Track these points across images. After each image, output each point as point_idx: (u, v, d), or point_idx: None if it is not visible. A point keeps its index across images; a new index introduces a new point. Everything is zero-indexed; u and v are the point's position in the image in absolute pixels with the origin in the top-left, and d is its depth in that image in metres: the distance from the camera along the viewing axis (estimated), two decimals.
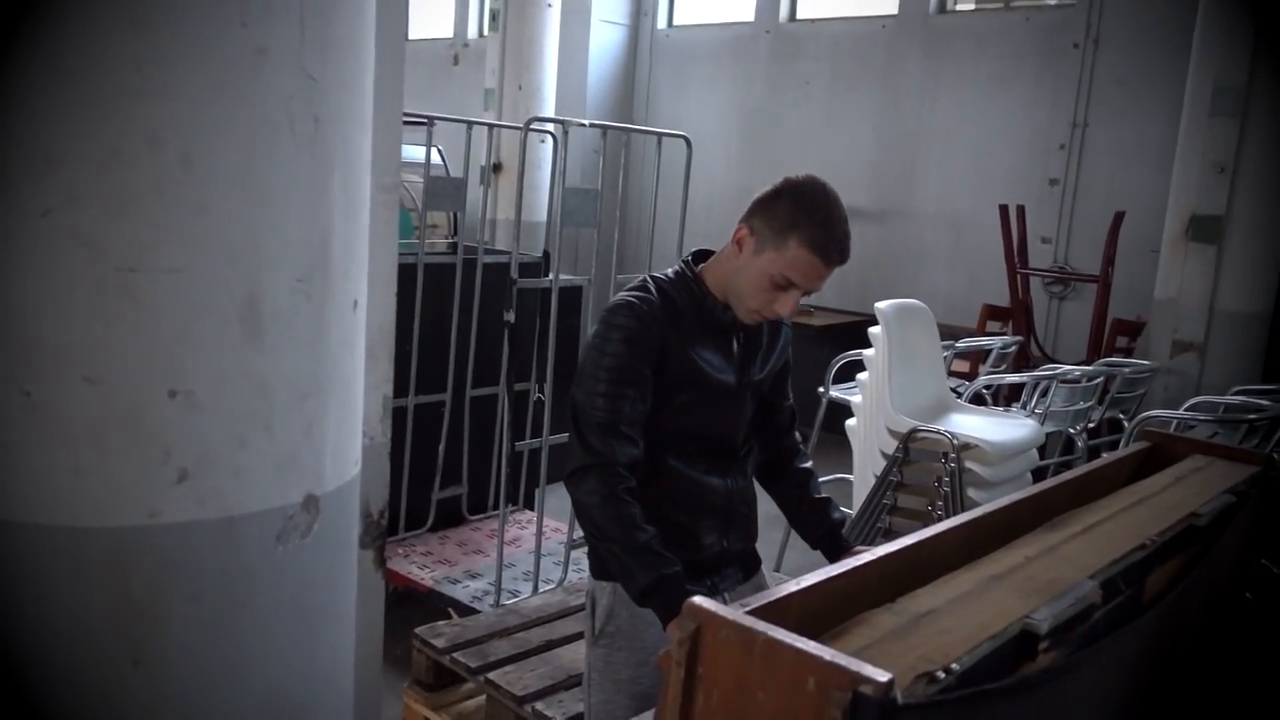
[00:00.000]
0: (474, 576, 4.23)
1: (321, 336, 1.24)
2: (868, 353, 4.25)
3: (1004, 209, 6.34)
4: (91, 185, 1.08)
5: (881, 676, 1.06)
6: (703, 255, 2.19)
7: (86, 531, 1.14)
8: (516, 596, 3.94)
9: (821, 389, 4.70)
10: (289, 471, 1.23)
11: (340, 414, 1.31)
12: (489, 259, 4.45)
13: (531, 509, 4.78)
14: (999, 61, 7.45)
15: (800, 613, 1.30)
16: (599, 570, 2.19)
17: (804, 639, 1.17)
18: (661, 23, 9.66)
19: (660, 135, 4.08)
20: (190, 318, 1.14)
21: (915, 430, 3.96)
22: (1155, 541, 1.74)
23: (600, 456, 2.01)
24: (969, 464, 3.86)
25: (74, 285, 1.10)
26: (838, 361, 4.61)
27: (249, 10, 1.11)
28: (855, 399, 4.31)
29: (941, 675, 1.19)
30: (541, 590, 3.99)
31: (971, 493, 3.87)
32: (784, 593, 1.33)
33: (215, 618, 1.20)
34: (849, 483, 4.47)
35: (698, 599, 1.27)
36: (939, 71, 7.76)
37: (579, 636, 3.48)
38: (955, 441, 3.84)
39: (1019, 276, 6.30)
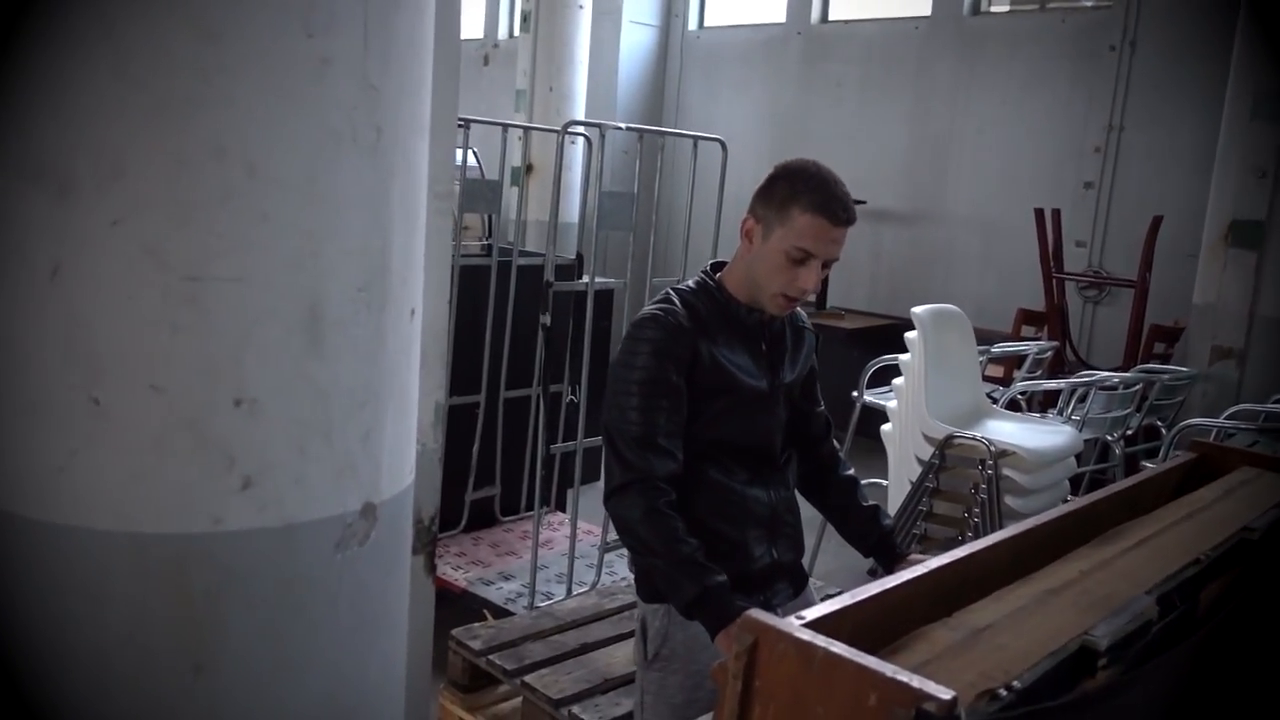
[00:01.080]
0: (507, 578, 4.24)
1: (380, 345, 1.25)
2: (903, 358, 4.22)
3: (1039, 212, 6.28)
4: (158, 194, 1.09)
5: (945, 694, 1.05)
6: (720, 266, 2.20)
7: (149, 538, 1.15)
8: (550, 599, 3.95)
9: (855, 393, 4.67)
10: (347, 479, 1.24)
11: (397, 422, 1.31)
12: (523, 261, 4.46)
13: (564, 511, 4.79)
14: (1033, 63, 7.39)
15: (855, 626, 1.29)
16: (649, 594, 2.18)
17: (864, 654, 1.16)
18: (692, 24, 9.64)
19: (696, 139, 4.07)
20: (253, 326, 1.14)
21: (951, 436, 3.94)
22: (1209, 556, 1.72)
23: (638, 472, 2.00)
24: (1006, 471, 3.83)
25: (140, 293, 1.11)
26: (872, 366, 4.59)
27: (314, 20, 1.12)
28: (890, 404, 4.28)
29: (1003, 693, 1.17)
30: (575, 593, 4.00)
31: (1009, 500, 3.84)
32: (839, 605, 1.32)
33: (273, 625, 1.21)
34: (883, 488, 4.44)
35: (754, 611, 1.26)
36: (972, 73, 7.71)
37: (614, 640, 3.48)
38: (992, 448, 3.82)
39: (1054, 281, 6.25)
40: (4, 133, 1.09)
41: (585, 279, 4.10)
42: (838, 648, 1.15)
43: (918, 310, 4.14)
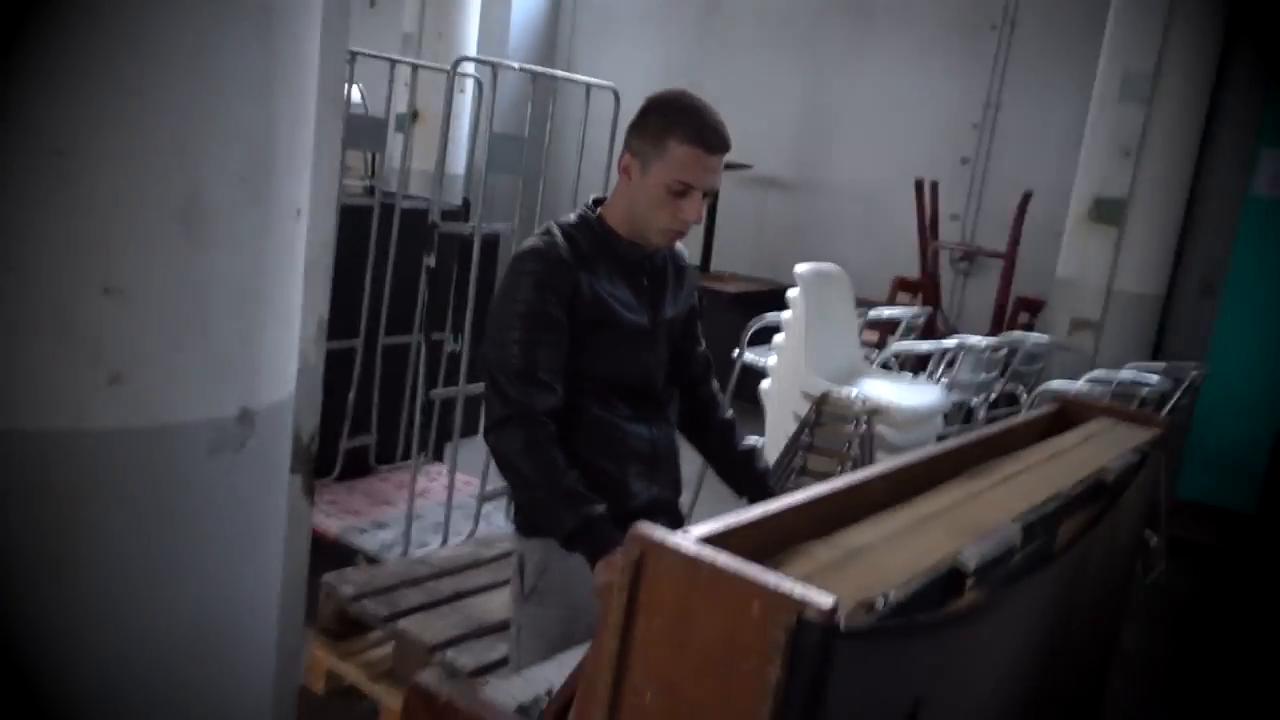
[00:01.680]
0: (381, 527, 4.16)
1: (263, 241, 1.19)
2: (784, 315, 4.30)
3: (919, 183, 6.47)
4: (21, 56, 1.00)
5: (825, 602, 1.08)
6: (602, 201, 2.19)
7: (7, 434, 1.08)
8: (425, 548, 3.90)
9: (735, 352, 4.74)
10: (223, 381, 1.18)
11: (277, 326, 1.25)
12: (407, 204, 4.35)
13: (442, 461, 4.72)
14: (920, 38, 7.57)
15: (740, 544, 1.31)
16: (528, 528, 2.17)
17: (748, 564, 1.18)
18: None
19: (589, 85, 4.03)
20: (126, 208, 1.07)
21: (828, 393, 4.02)
22: (1068, 493, 1.81)
23: (519, 405, 1.99)
24: (879, 427, 3.94)
25: (2, 164, 1.02)
26: (753, 324, 4.66)
27: None
28: (770, 361, 4.36)
29: (879, 605, 1.21)
30: (451, 542, 3.95)
31: (880, 456, 3.96)
32: (725, 525, 1.33)
33: (141, 530, 1.15)
34: (759, 447, 4.52)
35: (642, 524, 1.27)
36: (863, 44, 7.85)
37: (491, 587, 3.46)
38: (866, 404, 3.92)
39: (930, 251, 6.46)
40: None
41: (472, 223, 4.03)
42: (723, 559, 1.16)
43: (800, 268, 4.21)
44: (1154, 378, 4.27)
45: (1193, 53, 5.46)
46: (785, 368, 4.21)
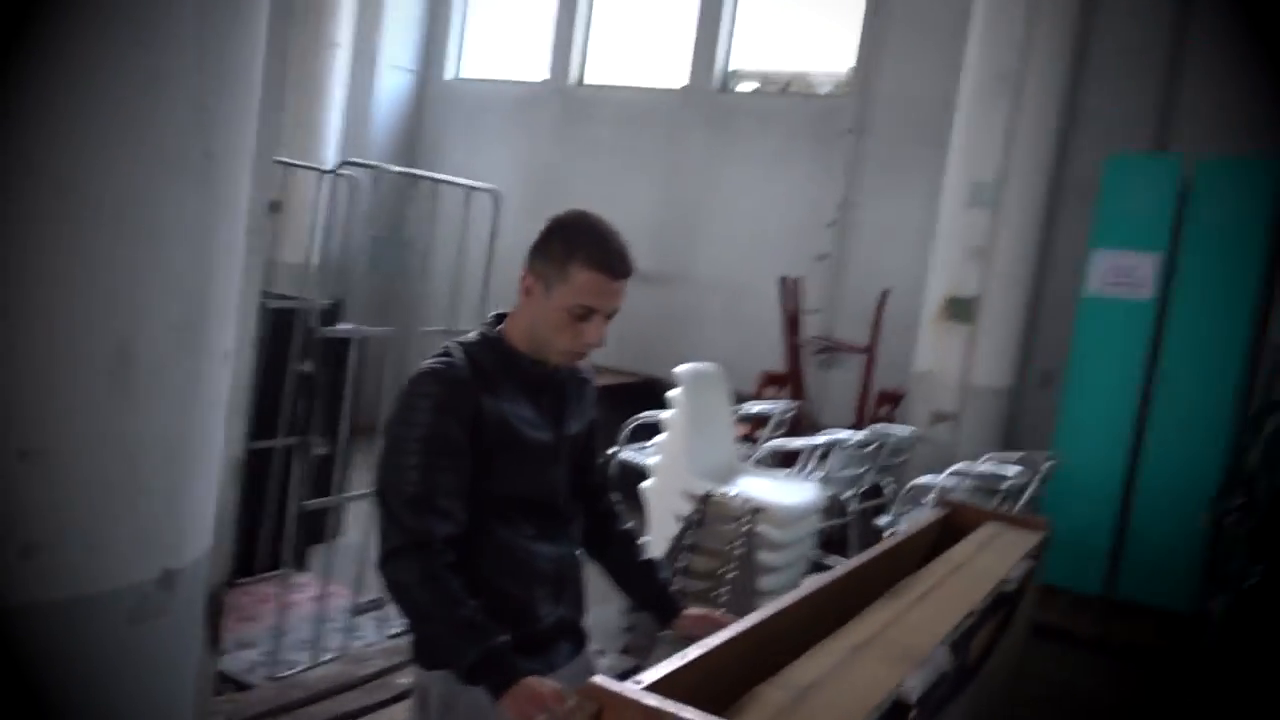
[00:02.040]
0: (245, 646, 3.89)
1: (194, 391, 1.10)
2: (665, 414, 4.32)
3: (784, 280, 6.68)
4: None
5: None
6: (502, 317, 2.16)
7: None
8: (294, 668, 3.66)
9: (612, 449, 4.73)
10: (149, 542, 1.08)
11: (202, 477, 1.16)
12: (274, 304, 4.19)
13: (306, 569, 4.48)
14: (778, 141, 7.91)
15: (689, 687, 1.28)
16: (429, 660, 2.06)
17: (709, 718, 1.15)
18: (450, 74, 9.58)
19: (470, 188, 4.02)
20: (54, 366, 0.97)
21: (711, 494, 4.05)
22: (980, 608, 1.86)
23: (415, 534, 1.90)
24: (760, 526, 3.98)
25: None
26: (631, 422, 4.66)
27: (142, 29, 0.98)
28: (651, 460, 4.36)
29: None
30: (322, 660, 3.73)
31: (762, 554, 3.99)
32: (673, 667, 1.30)
33: (56, 710, 1.02)
34: (659, 559, 4.50)
35: (599, 679, 1.22)
36: (723, 145, 8.14)
37: (371, 709, 3.29)
38: (748, 504, 3.96)
39: (795, 345, 6.65)
40: None
41: (346, 325, 3.91)
42: (688, 713, 1.13)
43: (680, 369, 4.25)
44: (1012, 469, 4.47)
45: (1033, 164, 5.89)
46: (667, 467, 4.21)
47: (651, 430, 4.56)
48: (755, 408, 5.37)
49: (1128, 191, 5.87)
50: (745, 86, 8.41)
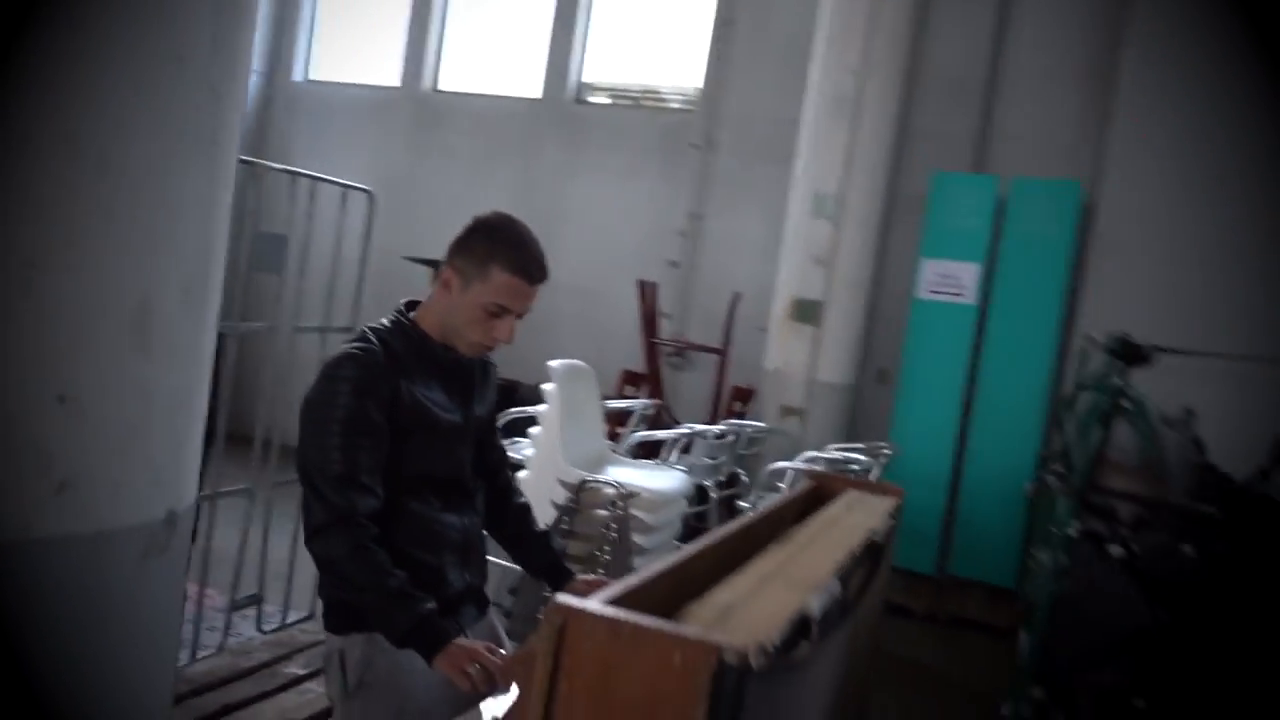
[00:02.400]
0: None
1: (197, 347, 1.23)
2: (540, 408, 4.49)
3: (641, 284, 6.95)
4: (4, 177, 1.01)
5: (743, 647, 1.28)
6: (413, 304, 2.31)
7: None
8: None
9: None
10: (158, 485, 1.19)
11: (197, 431, 1.28)
12: None
13: None
14: (630, 151, 8.20)
15: (636, 606, 1.48)
16: (346, 624, 2.17)
17: (665, 621, 1.36)
18: (298, 75, 9.45)
19: (346, 188, 4.09)
20: (86, 318, 1.08)
21: (585, 481, 4.25)
22: (857, 551, 2.13)
23: (341, 510, 2.01)
24: (633, 510, 4.21)
25: None
26: (506, 416, 4.81)
27: (164, 11, 1.11)
28: (527, 453, 4.52)
29: (771, 649, 1.42)
30: (202, 656, 3.72)
31: (636, 537, 4.22)
32: (626, 588, 1.50)
33: (83, 636, 1.12)
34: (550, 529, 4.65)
35: (561, 596, 1.41)
36: (576, 154, 8.37)
37: (260, 698, 3.32)
38: (622, 490, 4.18)
39: (652, 346, 6.94)
40: None
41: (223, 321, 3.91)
42: (644, 619, 1.33)
43: (554, 364, 4.44)
44: (860, 457, 4.86)
45: (870, 179, 6.39)
46: (542, 458, 4.39)
47: (519, 426, 4.72)
48: (617, 405, 5.61)
49: (951, 207, 6.45)
50: (599, 98, 8.68)
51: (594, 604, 1.39)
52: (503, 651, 2.06)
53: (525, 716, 1.35)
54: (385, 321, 2.23)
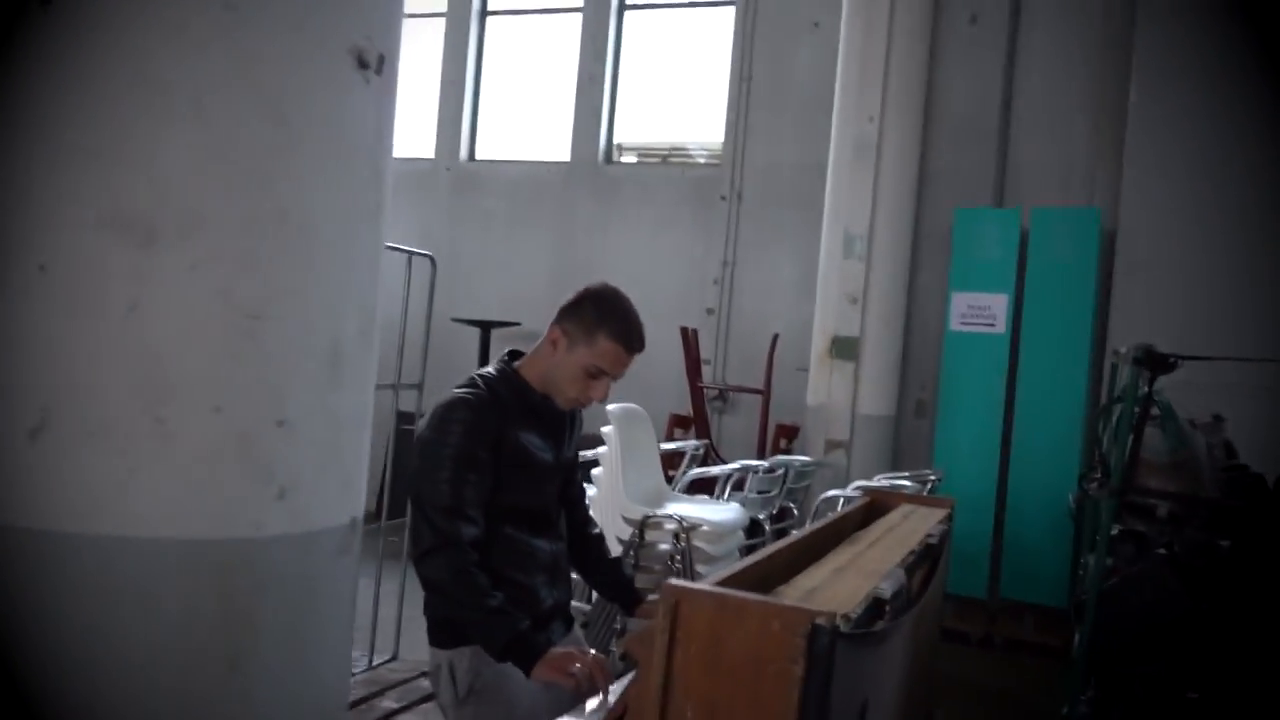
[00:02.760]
0: None
1: (368, 379, 1.50)
2: (600, 450, 4.75)
3: (684, 330, 7.23)
4: (231, 245, 1.30)
5: (831, 613, 1.52)
6: (515, 354, 2.58)
7: (200, 544, 1.30)
8: None
9: None
10: (346, 495, 1.46)
11: (366, 450, 1.55)
12: None
13: None
14: (661, 206, 8.53)
15: (738, 587, 1.73)
16: (450, 640, 2.40)
17: (762, 596, 1.60)
18: None
19: (411, 254, 4.41)
20: (295, 358, 1.36)
21: (648, 516, 4.49)
22: (916, 550, 2.37)
23: (447, 536, 2.25)
24: (696, 542, 4.44)
25: (210, 327, 1.29)
26: None
27: (346, 112, 1.40)
28: (591, 493, 4.78)
29: (854, 616, 1.66)
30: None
31: (699, 567, 4.44)
32: (728, 573, 1.75)
33: (294, 623, 1.38)
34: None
35: (672, 580, 1.66)
36: (609, 212, 8.71)
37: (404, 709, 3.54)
38: (685, 523, 4.41)
39: (698, 390, 7.20)
40: (91, 187, 1.25)
41: None
42: (746, 594, 1.58)
43: (611, 408, 4.71)
44: (907, 483, 5.06)
45: (895, 219, 6.68)
46: (604, 496, 4.63)
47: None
48: (669, 446, 5.85)
49: (976, 240, 6.69)
50: (627, 158, 9.05)
51: (702, 585, 1.64)
52: (592, 651, 2.30)
53: (648, 684, 1.58)
54: (492, 370, 2.49)
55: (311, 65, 1.34)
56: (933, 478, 5.44)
